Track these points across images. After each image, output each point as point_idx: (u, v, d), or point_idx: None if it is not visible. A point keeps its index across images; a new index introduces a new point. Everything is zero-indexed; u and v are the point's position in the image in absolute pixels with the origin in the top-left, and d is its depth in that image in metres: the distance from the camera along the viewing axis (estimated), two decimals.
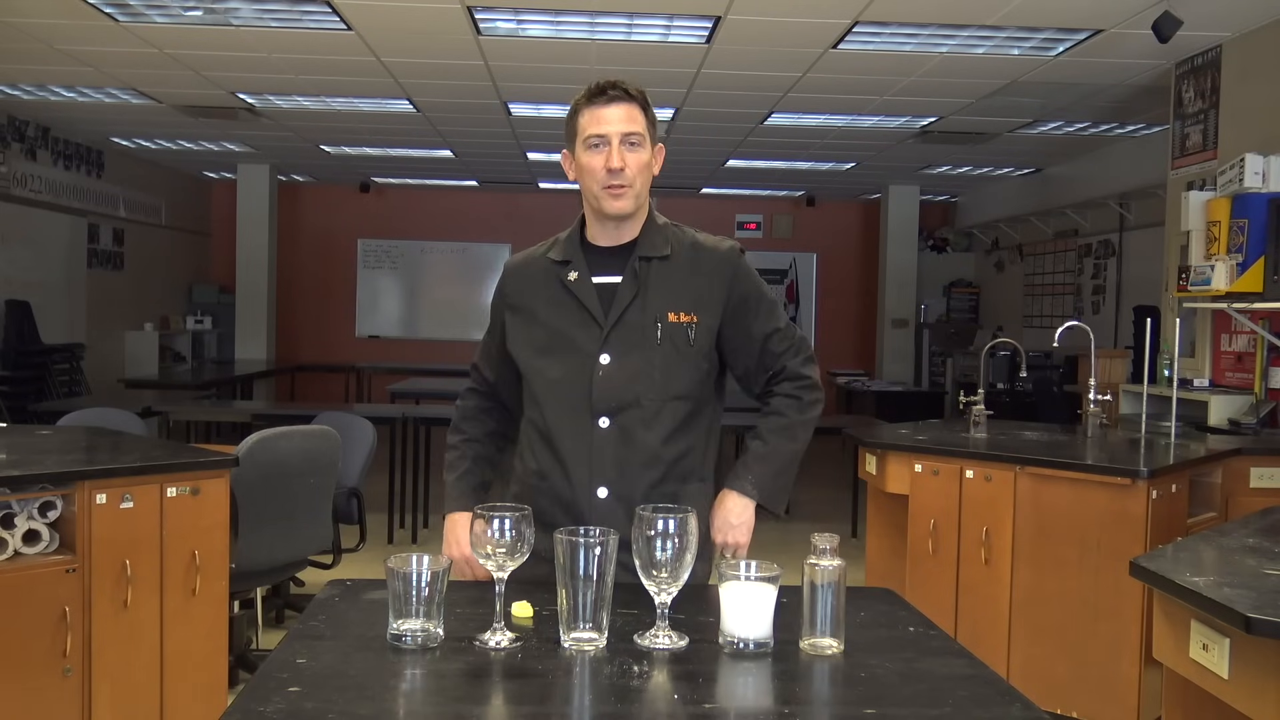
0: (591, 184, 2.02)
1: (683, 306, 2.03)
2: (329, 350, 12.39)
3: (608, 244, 2.07)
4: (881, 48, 5.69)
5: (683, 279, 2.05)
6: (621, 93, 2.00)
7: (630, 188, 1.99)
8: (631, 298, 2.02)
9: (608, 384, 1.99)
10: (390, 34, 5.69)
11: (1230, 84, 5.27)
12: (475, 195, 12.47)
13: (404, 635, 1.49)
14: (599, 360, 2.00)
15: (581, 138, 2.01)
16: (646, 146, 2.02)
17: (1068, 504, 3.69)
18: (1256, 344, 4.93)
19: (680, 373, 2.02)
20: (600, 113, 1.99)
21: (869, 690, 1.40)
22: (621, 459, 1.98)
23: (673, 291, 2.03)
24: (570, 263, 2.06)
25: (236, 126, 8.61)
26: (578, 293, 2.03)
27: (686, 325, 2.02)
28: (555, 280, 2.06)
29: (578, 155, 2.03)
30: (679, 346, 2.01)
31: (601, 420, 1.99)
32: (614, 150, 1.98)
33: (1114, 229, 8.64)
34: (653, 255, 2.05)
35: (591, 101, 2.01)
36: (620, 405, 1.99)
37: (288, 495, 3.93)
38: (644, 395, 1.99)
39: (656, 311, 2.02)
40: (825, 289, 12.74)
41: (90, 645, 3.06)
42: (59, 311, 8.95)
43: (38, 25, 5.68)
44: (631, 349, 2.00)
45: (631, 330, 2.01)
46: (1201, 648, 2.01)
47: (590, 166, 2.00)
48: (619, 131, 1.98)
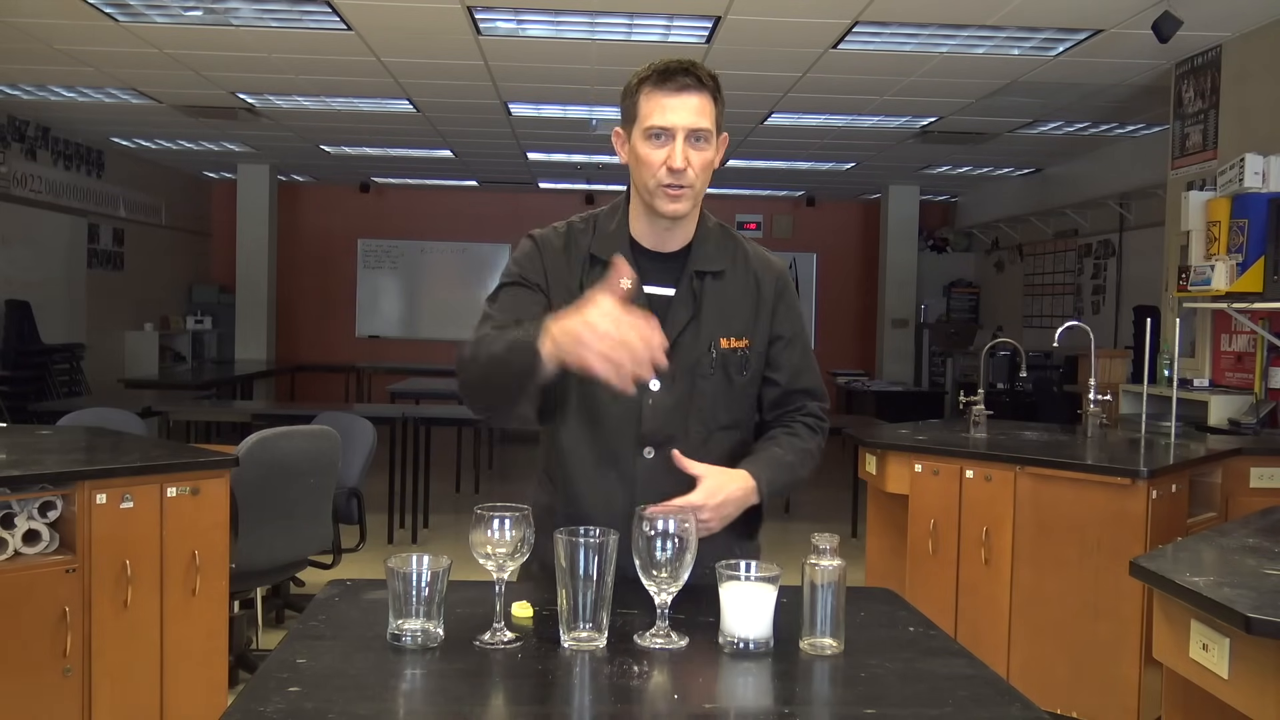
0: (646, 178, 1.79)
1: (735, 330, 1.87)
2: (329, 350, 12.39)
3: (656, 247, 1.87)
4: (881, 48, 5.69)
5: (737, 298, 1.88)
6: (694, 80, 1.76)
7: (690, 189, 1.79)
8: (688, 320, 1.84)
9: (656, 414, 1.83)
10: (390, 34, 5.69)
11: (1230, 84, 5.27)
12: (475, 195, 12.47)
13: (404, 635, 1.49)
14: (649, 387, 1.79)
15: (641, 125, 1.78)
16: (714, 142, 1.80)
17: (1068, 504, 3.69)
18: (1256, 344, 4.92)
19: (730, 402, 1.88)
20: (667, 102, 1.76)
21: (869, 690, 1.40)
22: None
23: (727, 313, 1.86)
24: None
25: (236, 126, 8.61)
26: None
27: (740, 351, 1.87)
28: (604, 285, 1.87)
29: (634, 141, 1.81)
30: (731, 375, 1.87)
31: (647, 451, 1.84)
32: (678, 148, 1.75)
33: (1114, 229, 8.64)
34: (708, 270, 1.86)
35: (659, 85, 1.77)
36: (668, 436, 1.83)
37: (288, 495, 3.93)
38: (692, 426, 1.85)
39: (710, 336, 1.85)
40: (825, 289, 12.74)
41: (90, 645, 3.06)
42: (59, 311, 8.95)
43: (38, 25, 5.68)
44: (682, 375, 1.83)
45: (685, 355, 1.83)
46: (1201, 648, 2.01)
47: (648, 160, 1.78)
48: (686, 126, 1.76)
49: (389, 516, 6.55)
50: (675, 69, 1.77)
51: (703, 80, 1.77)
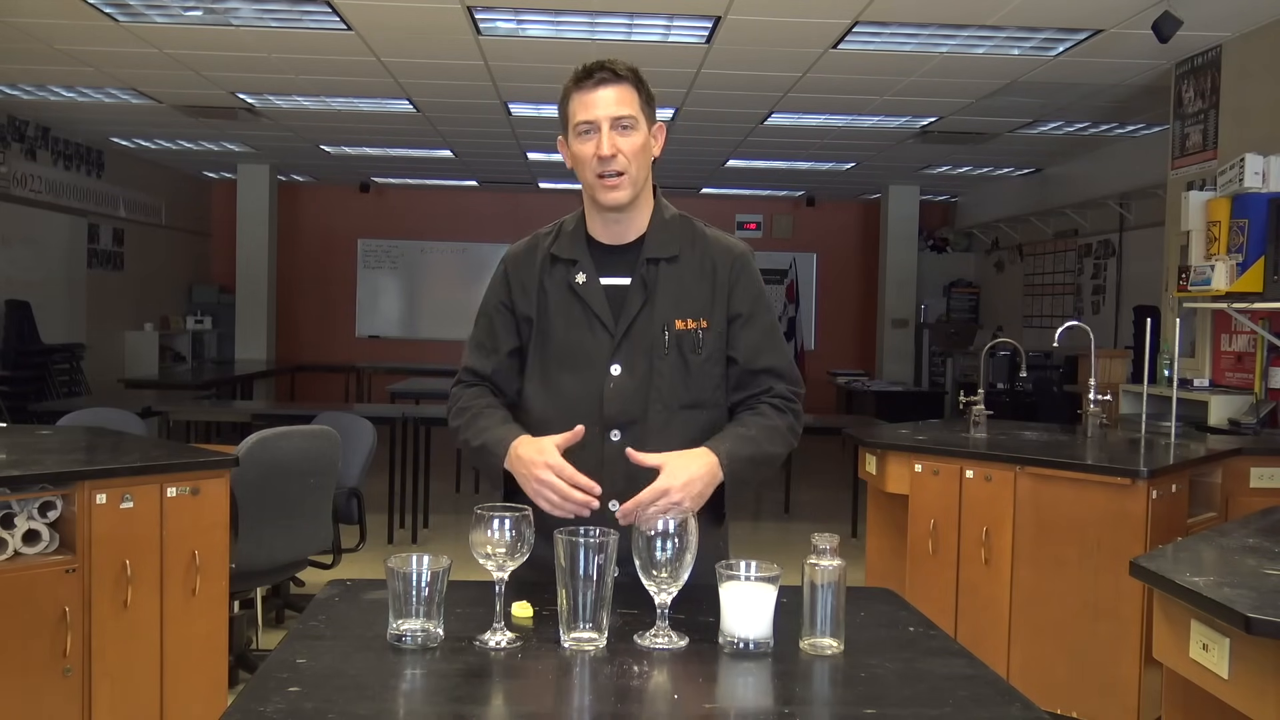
0: (585, 173, 1.91)
1: (690, 312, 1.93)
2: (329, 350, 12.39)
3: (612, 241, 1.97)
4: (881, 48, 5.69)
5: (692, 281, 1.94)
6: (609, 74, 1.87)
7: (625, 175, 1.88)
8: (641, 305, 1.92)
9: (618, 396, 1.90)
10: (390, 34, 5.69)
11: (1230, 84, 5.27)
12: (475, 195, 12.47)
13: (404, 635, 1.49)
14: (609, 371, 1.91)
15: (571, 124, 1.90)
16: (641, 128, 1.89)
17: (1068, 504, 3.69)
18: (1256, 344, 4.92)
19: (690, 382, 1.93)
20: (588, 97, 1.87)
21: (869, 690, 1.40)
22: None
23: (681, 296, 1.93)
24: (577, 263, 1.95)
25: (236, 126, 8.61)
26: (587, 298, 1.93)
27: (695, 331, 1.92)
28: (563, 283, 1.95)
29: (570, 145, 1.93)
30: (686, 355, 1.92)
31: (613, 434, 1.89)
32: (603, 136, 1.86)
33: (1114, 229, 8.64)
34: (660, 257, 1.94)
35: (579, 85, 1.89)
36: (631, 418, 1.90)
37: (288, 495, 3.93)
38: (653, 407, 1.90)
39: (664, 319, 1.92)
40: (825, 289, 12.74)
41: (90, 645, 3.06)
42: (59, 311, 8.95)
43: (38, 25, 5.68)
44: (640, 358, 1.91)
45: (640, 338, 1.91)
46: (1201, 648, 2.01)
47: (581, 155, 1.89)
48: (608, 116, 1.86)
49: (389, 516, 6.55)
50: (593, 67, 1.88)
51: (619, 73, 1.88)
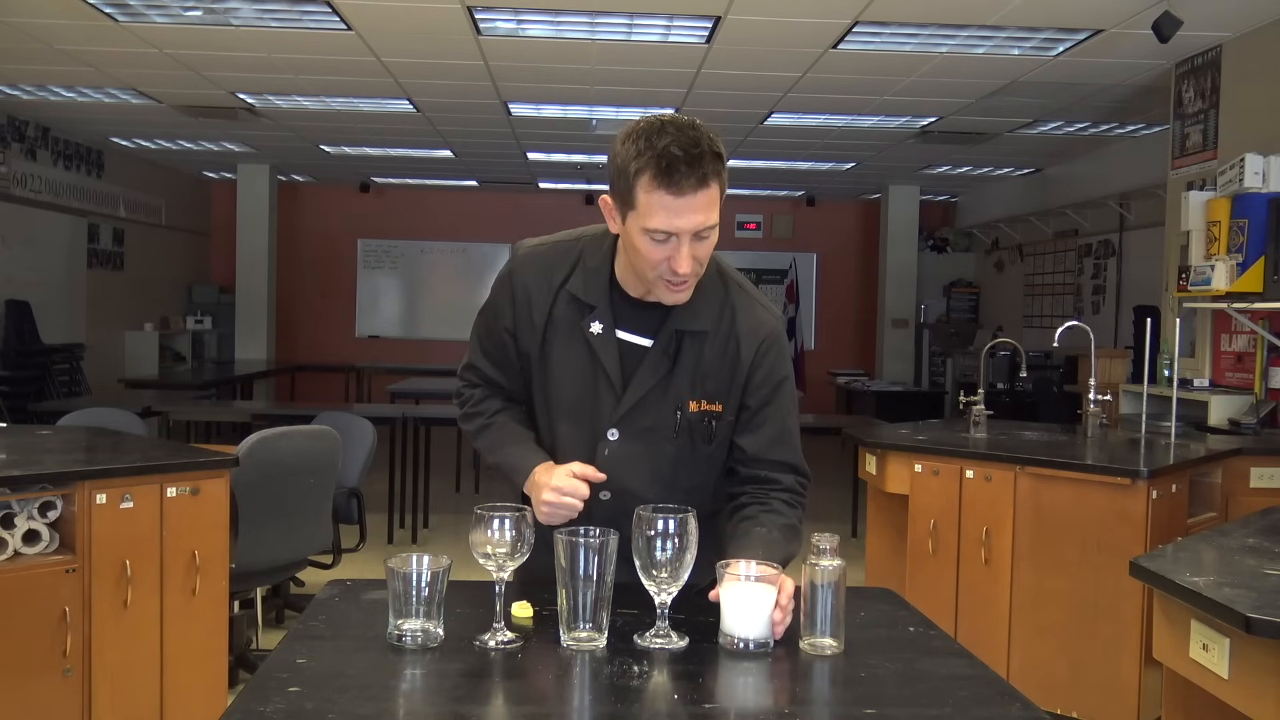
0: (645, 269, 1.65)
1: (707, 394, 1.76)
2: (329, 350, 12.39)
3: (640, 295, 1.75)
4: (881, 48, 5.69)
5: (713, 358, 1.76)
6: (701, 175, 1.55)
7: (694, 277, 1.66)
8: (658, 377, 1.75)
9: (612, 465, 1.76)
10: (390, 34, 5.68)
11: (1230, 84, 5.27)
12: (475, 195, 12.47)
13: (404, 635, 1.49)
14: (607, 437, 1.77)
15: (641, 222, 1.60)
16: (718, 223, 1.62)
17: (1068, 504, 3.69)
18: (1256, 344, 4.92)
19: (692, 468, 1.80)
20: (674, 203, 1.56)
21: (869, 690, 1.40)
22: (621, 534, 1.61)
23: (700, 373, 1.76)
24: (595, 309, 1.75)
25: (236, 126, 8.61)
26: (599, 351, 1.75)
27: (709, 416, 1.77)
28: (575, 323, 1.76)
29: (630, 228, 1.63)
30: (696, 441, 1.78)
31: (602, 494, 1.78)
32: (684, 254, 1.60)
33: (1114, 229, 8.64)
34: (689, 329, 1.74)
35: (664, 184, 1.55)
36: (622, 489, 1.77)
37: (288, 495, 3.93)
38: (648, 489, 1.75)
39: (678, 398, 1.75)
40: (825, 289, 12.74)
41: (90, 645, 3.06)
42: (59, 311, 8.95)
43: (38, 25, 5.67)
44: (643, 433, 1.77)
45: (648, 412, 1.76)
46: (1201, 648, 2.01)
47: (649, 255, 1.62)
48: (694, 229, 1.59)
49: (389, 516, 6.55)
50: (682, 166, 1.54)
51: (709, 172, 1.56)
